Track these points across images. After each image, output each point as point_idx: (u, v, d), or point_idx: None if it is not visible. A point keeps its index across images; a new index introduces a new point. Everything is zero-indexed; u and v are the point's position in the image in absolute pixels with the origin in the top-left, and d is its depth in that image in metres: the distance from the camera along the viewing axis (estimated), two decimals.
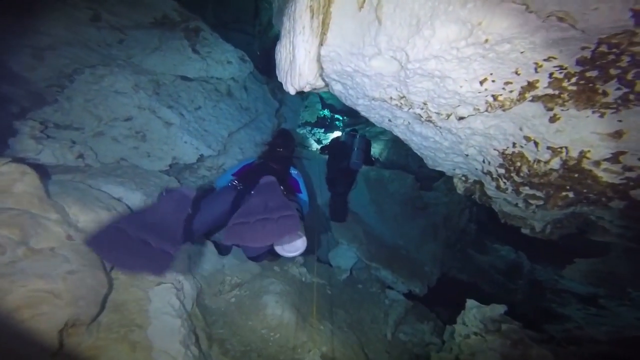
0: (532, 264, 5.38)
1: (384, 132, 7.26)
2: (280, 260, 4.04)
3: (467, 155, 2.48)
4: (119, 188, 2.44)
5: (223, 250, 3.59)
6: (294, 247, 2.30)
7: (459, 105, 2.03)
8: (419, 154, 3.13)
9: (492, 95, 1.79)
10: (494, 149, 2.12)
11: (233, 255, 3.71)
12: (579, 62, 1.40)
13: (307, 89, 2.35)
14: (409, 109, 2.43)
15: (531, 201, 2.15)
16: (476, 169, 2.54)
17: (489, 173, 2.34)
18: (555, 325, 4.29)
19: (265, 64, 5.30)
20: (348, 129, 5.53)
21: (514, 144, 1.98)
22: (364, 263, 4.85)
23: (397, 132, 2.95)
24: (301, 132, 8.14)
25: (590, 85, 1.44)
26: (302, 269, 4.10)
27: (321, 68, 2.40)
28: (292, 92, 2.32)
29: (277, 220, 1.90)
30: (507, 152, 2.05)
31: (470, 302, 3.30)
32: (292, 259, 3.97)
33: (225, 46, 3.88)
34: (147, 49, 3.19)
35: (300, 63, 2.14)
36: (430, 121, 2.40)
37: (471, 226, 5.45)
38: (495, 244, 5.77)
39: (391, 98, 2.46)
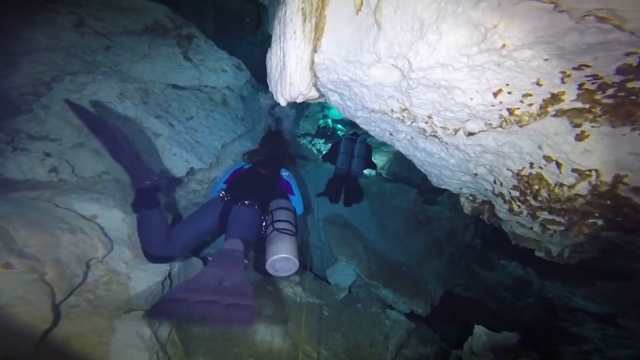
0: (541, 280, 5.06)
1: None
2: (273, 279, 3.77)
3: (475, 174, 2.21)
4: (94, 205, 2.20)
5: None
6: (286, 268, 2.24)
7: (468, 120, 1.78)
8: (422, 170, 2.86)
9: (508, 109, 1.54)
10: (508, 169, 1.86)
11: None
12: (619, 71, 1.14)
13: (299, 100, 2.11)
14: (412, 122, 2.18)
15: (550, 226, 1.88)
16: (486, 189, 2.27)
17: (501, 195, 2.07)
18: (571, 347, 3.96)
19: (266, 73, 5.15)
20: (349, 132, 5.27)
21: (531, 165, 1.71)
22: (364, 281, 4.56)
23: (399, 146, 2.69)
24: (301, 142, 7.92)
25: (633, 97, 1.18)
26: (297, 289, 3.82)
27: (315, 77, 2.16)
28: (283, 103, 2.08)
29: (226, 308, 1.56)
30: (522, 173, 1.79)
31: (478, 329, 2.99)
32: (287, 277, 3.70)
33: (219, 54, 3.67)
34: (136, 56, 2.98)
35: (291, 71, 1.90)
36: (435, 136, 2.15)
37: (476, 241, 5.15)
38: (501, 259, 5.45)
39: (392, 110, 2.21)
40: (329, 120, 9.36)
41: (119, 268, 2.02)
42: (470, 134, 1.84)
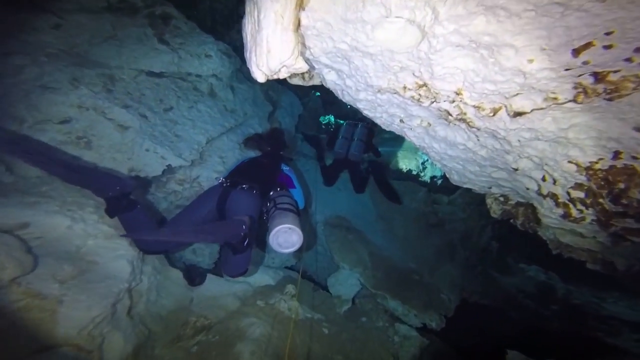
0: (565, 285, 4.46)
1: (394, 136, 6.43)
2: (266, 292, 3.25)
3: (515, 169, 1.65)
4: (26, 211, 1.70)
5: (195, 277, 2.83)
6: (290, 242, 2.10)
7: (518, 94, 1.22)
8: (439, 165, 2.31)
9: (595, 74, 0.98)
10: (571, 162, 1.30)
11: (207, 285, 2.93)
12: None
13: (283, 74, 1.57)
14: (432, 103, 1.62)
15: (632, 237, 1.32)
16: (527, 188, 1.71)
17: (553, 196, 1.51)
18: None
19: None
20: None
21: (616, 155, 1.15)
22: (369, 291, 4.01)
23: (412, 136, 2.14)
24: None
25: None
26: (293, 303, 3.29)
27: (303, 46, 1.62)
28: (260, 77, 1.54)
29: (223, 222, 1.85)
30: (596, 166, 1.23)
31: (513, 355, 2.44)
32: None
33: (203, 37, 3.16)
34: (96, 38, 2.48)
35: (268, 33, 1.36)
36: (462, 120, 1.59)
37: (493, 244, 4.57)
38: (520, 263, 4.86)
39: (405, 88, 1.66)
40: (331, 117, 8.80)
41: (47, 290, 1.51)
42: (518, 114, 1.28)
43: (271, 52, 1.40)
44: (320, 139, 4.68)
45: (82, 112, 2.22)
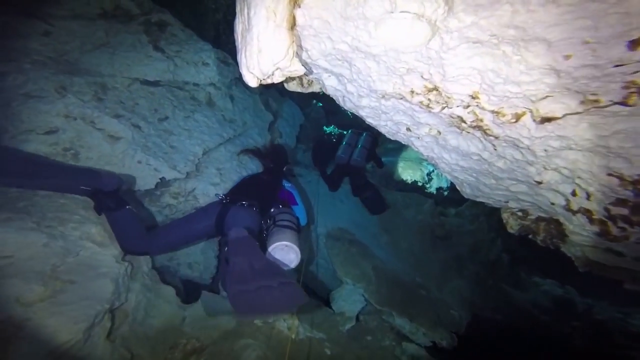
0: (583, 299, 4.17)
1: (398, 145, 6.24)
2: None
3: (538, 182, 1.45)
4: None
5: (189, 294, 2.64)
6: (287, 259, 2.08)
7: (547, 97, 1.04)
8: (449, 177, 2.11)
9: None
10: (612, 174, 1.10)
11: (202, 303, 2.73)
12: None
13: (277, 78, 1.40)
14: (443, 108, 1.44)
15: None
16: (552, 203, 1.50)
17: (586, 212, 1.31)
18: None
19: None
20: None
21: None
22: (374, 307, 3.77)
23: (419, 146, 1.95)
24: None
25: None
26: (294, 321, 3.06)
27: (299, 47, 1.45)
28: (252, 81, 1.37)
29: (280, 288, 1.64)
30: None
31: None
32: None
33: (200, 44, 3.03)
34: (88, 45, 2.35)
35: (258, 30, 1.19)
36: (478, 128, 1.40)
37: (504, 257, 4.31)
38: (533, 276, 4.58)
39: (413, 92, 1.48)
40: (333, 127, 8.64)
41: (5, 315, 1.33)
42: (546, 120, 1.09)
43: (262, 52, 1.23)
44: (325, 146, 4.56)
45: (70, 121, 2.07)
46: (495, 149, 1.49)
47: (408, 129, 1.84)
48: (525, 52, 0.95)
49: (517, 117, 1.19)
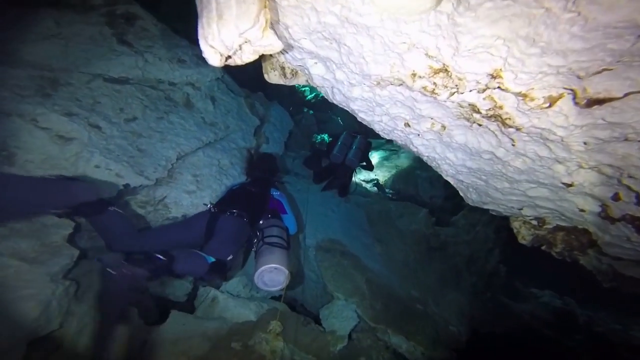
0: (582, 311, 3.92)
1: (387, 155, 5.98)
2: (244, 331, 2.66)
3: (568, 185, 1.17)
4: None
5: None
6: (276, 281, 2.05)
7: (604, 71, 0.76)
8: (452, 182, 1.82)
9: None
10: None
11: (169, 324, 2.35)
12: None
13: (247, 55, 1.08)
14: (452, 94, 1.15)
15: None
16: (581, 210, 1.22)
17: (633, 220, 1.02)
18: None
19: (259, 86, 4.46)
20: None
21: None
22: (368, 324, 3.42)
23: (418, 145, 1.66)
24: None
25: None
26: (278, 343, 2.69)
27: (277, 23, 1.15)
28: (213, 58, 1.06)
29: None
30: None
31: None
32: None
33: (175, 40, 2.72)
34: (32, 34, 2.01)
35: None
36: (494, 118, 1.11)
37: (501, 268, 4.04)
38: (529, 287, 4.32)
39: (414, 75, 1.19)
40: (325, 135, 8.38)
41: None
42: (597, 102, 0.81)
43: (224, 19, 0.93)
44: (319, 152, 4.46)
45: (1, 118, 1.71)
46: (514, 145, 1.20)
47: (407, 124, 1.55)
48: (588, 5, 0.67)
49: (552, 101, 0.90)
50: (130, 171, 2.22)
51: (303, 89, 9.41)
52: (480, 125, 1.26)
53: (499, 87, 0.98)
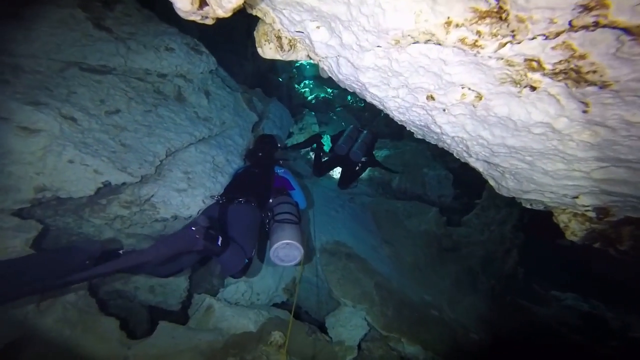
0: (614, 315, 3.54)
1: (392, 153, 5.66)
2: (242, 343, 2.35)
3: None
4: None
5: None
6: (291, 256, 1.99)
7: None
8: (481, 168, 1.49)
9: None
10: None
11: (156, 337, 2.03)
12: None
13: (227, 3, 0.78)
14: (504, 45, 0.85)
15: None
16: None
17: None
18: None
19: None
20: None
21: None
22: (379, 333, 3.09)
23: (443, 123, 1.33)
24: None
25: None
26: (280, 357, 2.37)
27: None
28: (183, 3, 0.76)
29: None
30: None
31: None
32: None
33: (162, 27, 2.43)
34: None
35: None
36: (565, 75, 0.80)
37: (519, 270, 3.68)
38: (549, 290, 3.95)
39: (449, 24, 0.91)
40: (326, 136, 8.09)
41: None
42: None
43: None
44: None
45: None
46: (586, 111, 0.88)
47: (430, 97, 1.24)
48: None
49: None
50: (110, 167, 1.91)
51: (303, 90, 9.15)
52: (534, 89, 0.94)
53: (594, 23, 0.66)
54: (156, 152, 2.26)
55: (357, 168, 3.85)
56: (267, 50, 1.49)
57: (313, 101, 8.72)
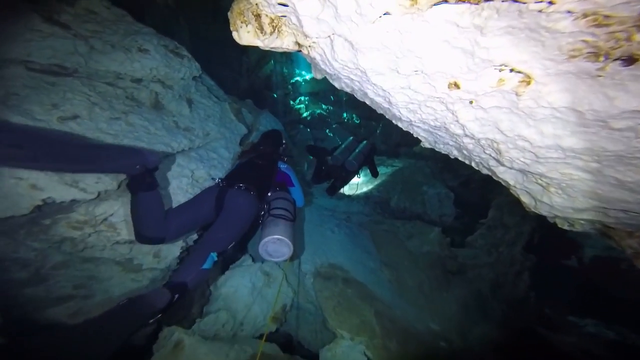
0: None
1: (390, 171, 5.33)
2: None
3: None
4: None
5: None
6: (280, 252, 1.93)
7: None
8: (512, 180, 1.15)
9: None
10: None
11: None
12: None
13: None
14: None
15: None
16: None
17: None
18: None
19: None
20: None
21: None
22: None
23: (468, 120, 1.03)
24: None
25: None
26: None
27: None
28: None
29: None
30: None
31: None
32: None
33: (135, 27, 2.12)
34: None
35: None
36: None
37: (531, 294, 3.28)
38: (564, 315, 3.52)
39: None
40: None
41: None
42: None
43: None
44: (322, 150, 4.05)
45: None
46: None
47: (453, 85, 0.90)
48: None
49: None
50: (55, 182, 1.53)
51: (298, 106, 8.94)
52: (633, 61, 0.60)
53: None
54: None
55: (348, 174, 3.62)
56: (244, 34, 1.16)
57: (308, 118, 8.48)
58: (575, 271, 3.90)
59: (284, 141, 2.79)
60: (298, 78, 9.49)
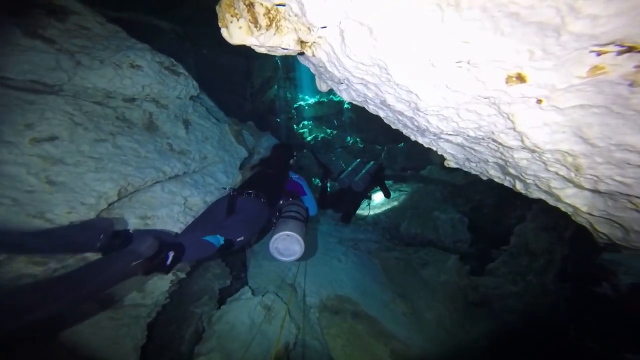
0: None
1: (398, 196, 5.01)
2: None
3: None
4: None
5: None
6: (290, 250, 1.87)
7: None
8: (596, 212, 0.86)
9: None
10: None
11: None
12: None
13: None
14: None
15: None
16: None
17: None
18: None
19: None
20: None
21: None
22: None
23: (532, 126, 0.78)
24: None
25: None
26: None
27: None
28: None
29: None
30: None
31: None
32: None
33: (129, 42, 1.93)
34: None
35: None
36: None
37: (571, 327, 2.83)
38: (617, 351, 3.04)
39: None
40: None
41: None
42: None
43: None
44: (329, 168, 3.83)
45: None
46: None
47: (515, 78, 0.63)
48: None
49: None
50: (14, 212, 1.25)
51: (302, 130, 8.79)
52: None
53: None
54: (103, 192, 1.61)
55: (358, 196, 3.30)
56: (235, 31, 0.92)
57: (312, 142, 8.31)
58: (613, 301, 3.42)
59: (294, 153, 2.70)
60: (301, 102, 9.44)
